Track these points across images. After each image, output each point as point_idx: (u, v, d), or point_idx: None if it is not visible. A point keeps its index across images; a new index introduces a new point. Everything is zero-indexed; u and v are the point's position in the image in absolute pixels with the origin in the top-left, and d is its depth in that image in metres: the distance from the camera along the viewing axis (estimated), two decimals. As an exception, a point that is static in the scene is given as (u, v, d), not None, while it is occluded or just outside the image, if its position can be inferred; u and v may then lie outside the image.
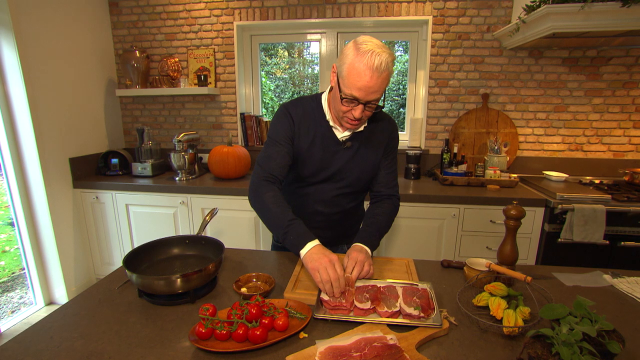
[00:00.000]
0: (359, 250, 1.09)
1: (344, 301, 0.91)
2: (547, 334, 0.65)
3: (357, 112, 1.07)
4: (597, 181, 2.38)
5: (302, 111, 1.22)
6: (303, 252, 1.02)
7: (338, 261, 0.97)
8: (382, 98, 1.09)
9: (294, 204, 1.31)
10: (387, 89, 1.10)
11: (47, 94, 2.38)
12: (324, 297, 0.94)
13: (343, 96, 1.06)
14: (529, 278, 0.93)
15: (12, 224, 2.45)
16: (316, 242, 1.03)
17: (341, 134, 1.22)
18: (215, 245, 1.16)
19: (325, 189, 1.27)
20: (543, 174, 2.55)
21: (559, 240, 2.03)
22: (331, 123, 1.21)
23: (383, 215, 1.25)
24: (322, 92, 1.27)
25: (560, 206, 1.99)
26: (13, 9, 2.13)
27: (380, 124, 1.27)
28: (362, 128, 1.22)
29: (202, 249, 1.20)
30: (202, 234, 1.24)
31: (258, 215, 1.16)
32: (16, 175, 2.33)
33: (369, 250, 1.12)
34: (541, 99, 2.57)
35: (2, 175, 2.34)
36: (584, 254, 2.06)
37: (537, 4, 1.96)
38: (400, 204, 2.16)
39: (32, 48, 2.26)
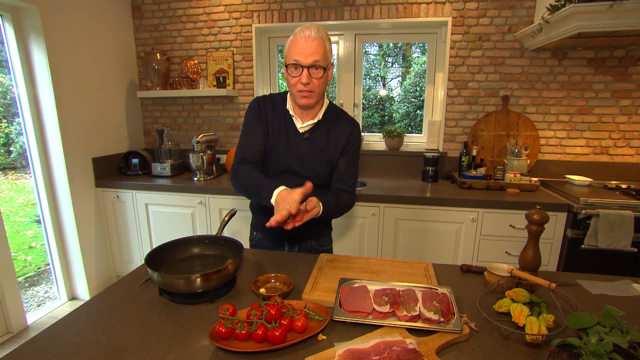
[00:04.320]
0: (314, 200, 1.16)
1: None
2: (575, 343, 0.63)
3: (304, 77, 1.19)
4: (624, 186, 2.30)
5: (270, 102, 1.35)
6: (273, 200, 1.13)
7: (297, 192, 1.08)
8: (326, 66, 1.21)
9: None
10: (332, 66, 1.26)
11: (72, 95, 2.46)
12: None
13: (287, 63, 1.21)
14: (553, 285, 0.90)
15: (38, 221, 2.54)
16: (282, 187, 1.13)
17: (300, 125, 1.32)
18: (234, 246, 1.18)
19: (288, 180, 1.31)
20: (565, 178, 2.47)
21: (583, 246, 1.97)
22: (291, 112, 1.32)
23: (339, 199, 1.31)
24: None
25: (584, 211, 1.93)
26: (43, 15, 2.21)
27: (342, 122, 1.35)
28: (316, 118, 1.31)
29: (222, 249, 1.21)
30: (221, 234, 1.26)
31: (242, 194, 1.29)
32: (43, 174, 2.41)
33: (320, 205, 1.18)
34: (564, 101, 2.50)
35: (30, 173, 2.43)
36: (609, 261, 1.99)
37: (562, 3, 1.91)
38: (418, 206, 2.18)
39: (60, 52, 2.35)
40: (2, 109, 2.56)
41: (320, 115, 1.32)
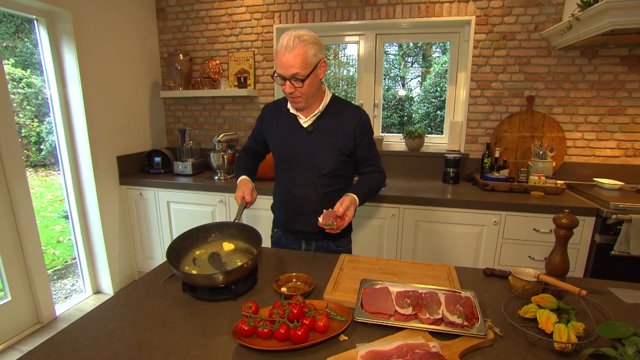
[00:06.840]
0: (348, 197, 1.28)
1: None
2: (609, 354, 0.61)
3: (287, 87, 1.24)
4: (657, 190, 2.19)
5: (273, 106, 1.46)
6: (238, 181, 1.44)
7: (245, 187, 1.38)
8: (306, 75, 1.22)
9: (278, 188, 1.50)
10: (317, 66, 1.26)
11: (100, 95, 2.54)
12: None
13: (274, 76, 1.26)
14: (584, 292, 0.87)
15: (66, 217, 2.64)
16: (243, 176, 1.45)
17: (304, 120, 1.36)
18: (252, 234, 1.20)
19: (299, 173, 1.39)
20: (594, 181, 2.38)
21: (612, 252, 1.89)
22: (292, 111, 1.38)
23: (371, 180, 1.41)
24: None
25: (614, 216, 1.85)
26: (75, 19, 2.30)
27: (346, 111, 1.38)
28: (318, 111, 1.34)
29: (241, 237, 1.24)
30: (239, 221, 1.29)
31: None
32: (71, 172, 2.50)
33: (355, 197, 1.29)
34: (593, 101, 2.41)
35: (59, 171, 2.53)
36: (641, 268, 1.90)
37: (594, -1, 1.84)
38: (439, 208, 2.14)
39: (89, 54, 2.43)
40: (34, 108, 2.67)
41: (322, 108, 1.35)
